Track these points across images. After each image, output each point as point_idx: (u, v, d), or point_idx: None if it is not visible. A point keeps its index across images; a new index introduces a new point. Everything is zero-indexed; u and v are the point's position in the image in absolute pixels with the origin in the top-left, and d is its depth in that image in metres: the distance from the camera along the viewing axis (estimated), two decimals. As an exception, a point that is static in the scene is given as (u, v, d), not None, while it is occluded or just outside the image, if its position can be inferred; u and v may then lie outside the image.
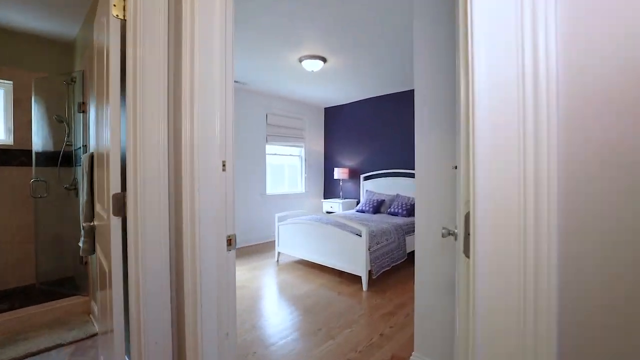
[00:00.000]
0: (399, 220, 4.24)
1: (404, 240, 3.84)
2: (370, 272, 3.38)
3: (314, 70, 3.77)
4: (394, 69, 4.10)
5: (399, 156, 5.30)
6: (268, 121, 5.42)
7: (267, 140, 5.42)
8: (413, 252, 2.66)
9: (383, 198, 5.17)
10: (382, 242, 3.45)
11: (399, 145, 5.28)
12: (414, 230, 4.14)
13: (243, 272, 3.78)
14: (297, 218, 4.17)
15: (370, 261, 3.24)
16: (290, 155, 5.95)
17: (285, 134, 5.71)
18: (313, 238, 3.75)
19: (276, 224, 4.25)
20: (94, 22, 1.72)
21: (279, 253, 4.27)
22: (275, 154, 5.66)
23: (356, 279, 3.47)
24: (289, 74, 4.28)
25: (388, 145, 5.44)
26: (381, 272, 3.35)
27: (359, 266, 3.27)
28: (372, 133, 5.68)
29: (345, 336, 2.32)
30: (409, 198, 4.96)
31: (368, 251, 3.23)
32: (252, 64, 3.92)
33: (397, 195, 5.13)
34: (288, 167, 6.11)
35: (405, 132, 5.20)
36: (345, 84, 4.79)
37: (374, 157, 5.66)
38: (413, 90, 1.91)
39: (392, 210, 4.72)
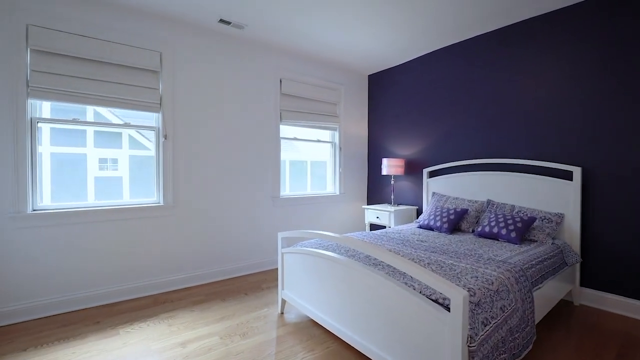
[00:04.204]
0: (510, 252, 2.20)
1: (532, 300, 1.81)
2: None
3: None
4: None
5: (491, 139, 3.22)
6: (283, 89, 3.68)
7: (281, 119, 3.68)
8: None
9: (465, 207, 3.13)
10: (496, 318, 1.49)
11: (496, 118, 3.19)
12: (544, 276, 2.05)
13: (212, 337, 2.07)
14: (312, 243, 2.36)
15: (471, 369, 1.30)
16: (318, 141, 4.15)
17: (310, 110, 3.93)
18: (341, 287, 1.91)
19: (279, 250, 2.48)
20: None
21: (283, 301, 2.49)
22: (294, 139, 3.91)
23: (431, 396, 1.55)
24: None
25: (471, 121, 3.38)
26: (492, 387, 1.40)
27: (441, 379, 1.35)
28: (442, 105, 3.65)
29: None
30: (513, 207, 2.87)
31: (467, 347, 1.30)
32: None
33: (490, 203, 3.05)
34: (315, 158, 4.32)
35: (511, 92, 3.10)
36: (408, 15, 2.86)
37: (444, 143, 3.63)
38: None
39: (487, 229, 2.67)
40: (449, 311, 1.33)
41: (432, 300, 1.43)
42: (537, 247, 2.40)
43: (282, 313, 2.47)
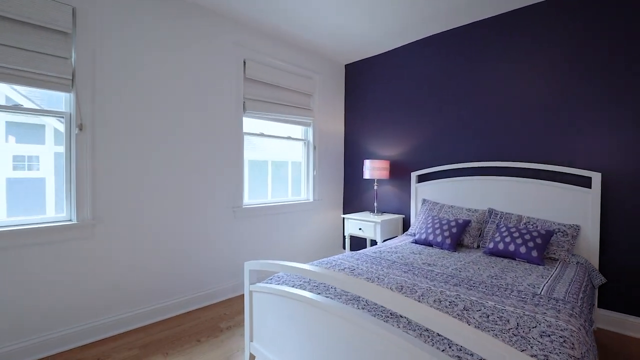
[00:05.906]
0: (542, 278, 1.75)
1: (596, 354, 1.35)
2: None
3: None
4: None
5: (490, 139, 2.82)
6: (247, 73, 2.98)
7: (244, 109, 2.98)
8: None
9: (465, 217, 2.69)
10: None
11: (495, 115, 2.79)
12: (591, 310, 1.66)
13: None
14: (291, 277, 1.72)
15: None
16: (289, 138, 3.50)
17: (280, 100, 3.27)
18: (340, 349, 1.29)
19: (246, 286, 1.80)
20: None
21: (252, 356, 1.81)
22: (260, 135, 3.22)
23: None
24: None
25: (466, 119, 2.96)
26: None
27: None
28: (432, 101, 3.20)
29: None
30: (520, 218, 2.48)
31: None
32: None
33: (492, 213, 2.64)
34: (277, 158, 3.66)
35: (512, 86, 2.70)
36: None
37: (435, 143, 3.18)
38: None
39: (500, 245, 2.23)
40: None
41: (516, 396, 0.87)
42: (563, 268, 2.00)
43: (249, 372, 1.79)
